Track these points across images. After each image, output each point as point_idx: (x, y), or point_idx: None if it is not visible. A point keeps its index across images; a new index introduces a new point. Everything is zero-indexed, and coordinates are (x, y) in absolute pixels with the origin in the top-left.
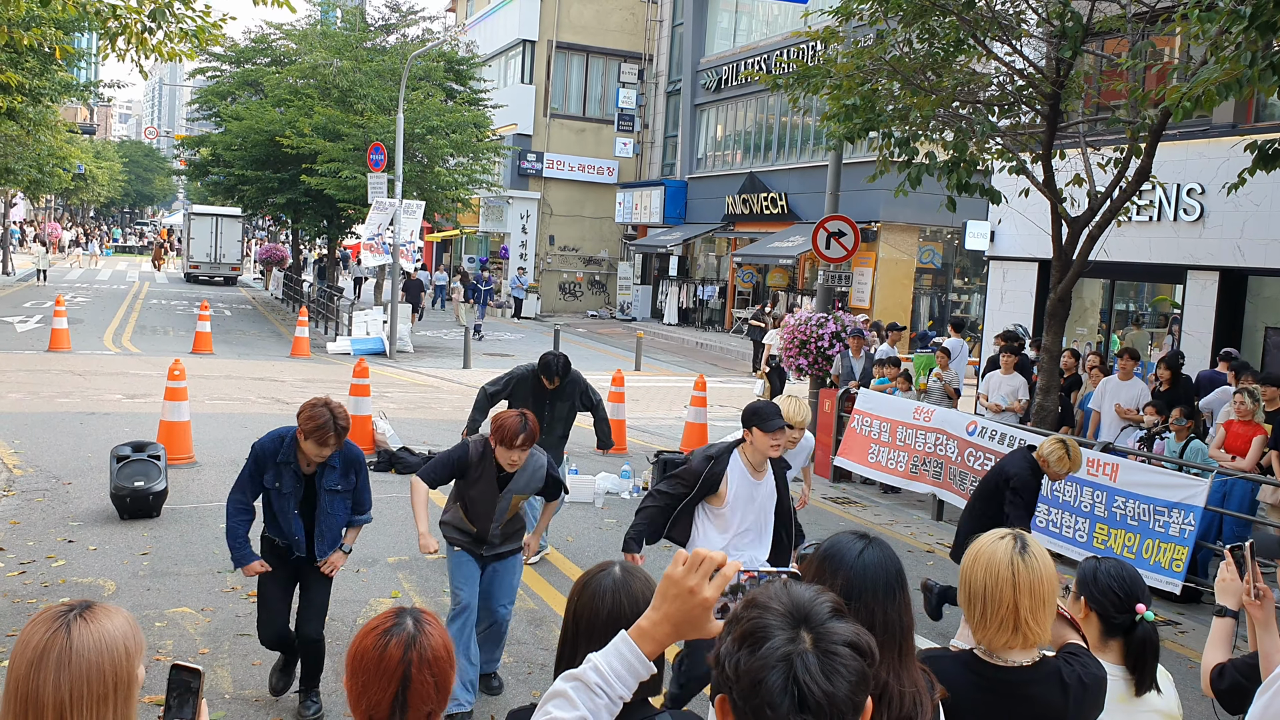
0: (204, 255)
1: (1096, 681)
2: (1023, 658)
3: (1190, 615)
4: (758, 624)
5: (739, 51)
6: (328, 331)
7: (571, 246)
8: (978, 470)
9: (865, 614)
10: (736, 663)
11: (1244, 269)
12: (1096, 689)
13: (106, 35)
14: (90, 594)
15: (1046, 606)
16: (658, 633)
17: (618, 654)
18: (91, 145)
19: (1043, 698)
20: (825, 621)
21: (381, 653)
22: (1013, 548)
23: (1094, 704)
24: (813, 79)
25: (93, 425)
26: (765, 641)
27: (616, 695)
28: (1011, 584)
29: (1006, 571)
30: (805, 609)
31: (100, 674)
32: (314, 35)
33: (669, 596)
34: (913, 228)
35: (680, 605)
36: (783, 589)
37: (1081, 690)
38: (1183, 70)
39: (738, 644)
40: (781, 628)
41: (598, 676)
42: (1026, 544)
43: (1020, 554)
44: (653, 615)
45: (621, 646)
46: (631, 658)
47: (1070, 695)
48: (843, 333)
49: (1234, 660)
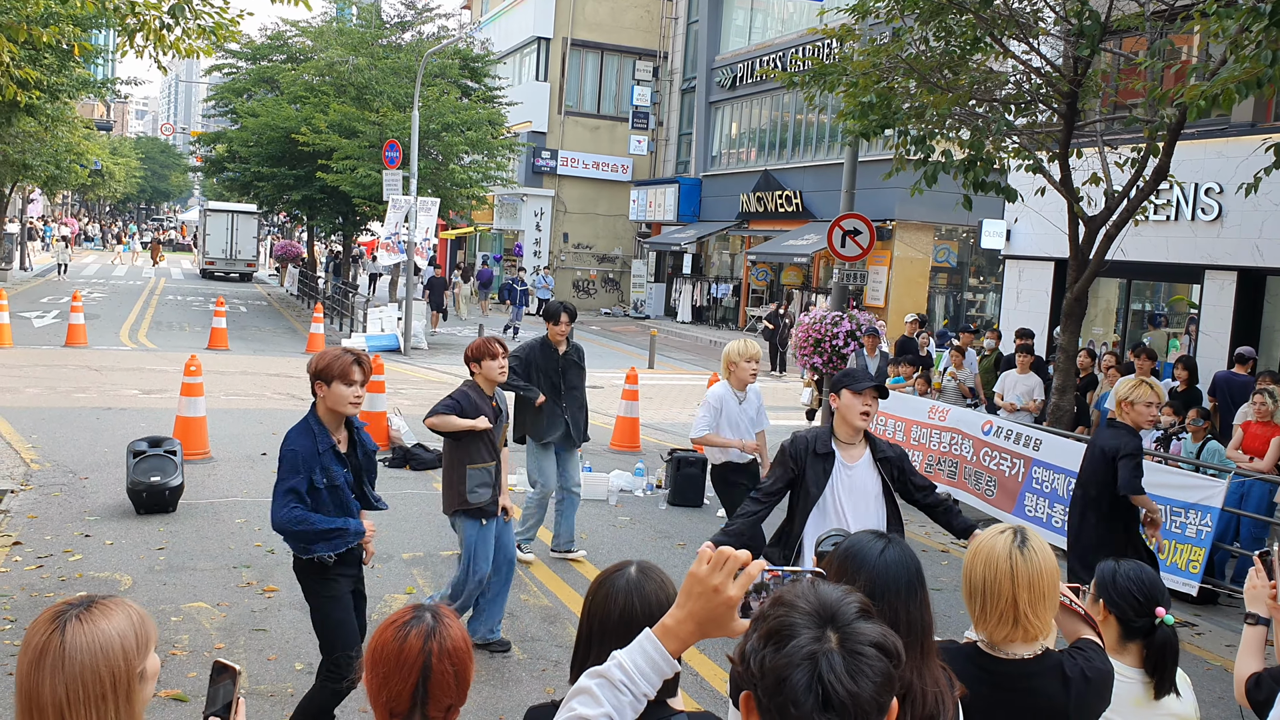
0: (220, 252)
1: (1101, 676)
2: (1024, 650)
3: (1207, 617)
4: (784, 621)
5: (754, 49)
6: (343, 328)
7: (585, 244)
8: (993, 470)
9: (889, 613)
10: (762, 660)
11: (1263, 269)
12: (1101, 683)
13: (125, 32)
14: (106, 588)
15: (1047, 600)
16: (682, 631)
17: (642, 651)
18: (108, 141)
19: (1044, 690)
20: (852, 622)
21: (402, 644)
22: (1012, 542)
23: (1098, 698)
24: (829, 77)
25: (109, 420)
26: (791, 639)
27: (641, 692)
28: (1010, 578)
29: (1005, 565)
30: (832, 609)
31: (96, 675)
32: (330, 32)
33: (694, 594)
34: (928, 226)
35: (705, 603)
36: (810, 588)
37: (1084, 684)
38: (1202, 69)
39: (764, 641)
40: (808, 626)
41: (622, 674)
42: (1026, 538)
43: (1019, 548)
44: (677, 613)
45: (646, 644)
46: (656, 655)
47: (1072, 689)
48: (858, 331)
49: (1270, 669)
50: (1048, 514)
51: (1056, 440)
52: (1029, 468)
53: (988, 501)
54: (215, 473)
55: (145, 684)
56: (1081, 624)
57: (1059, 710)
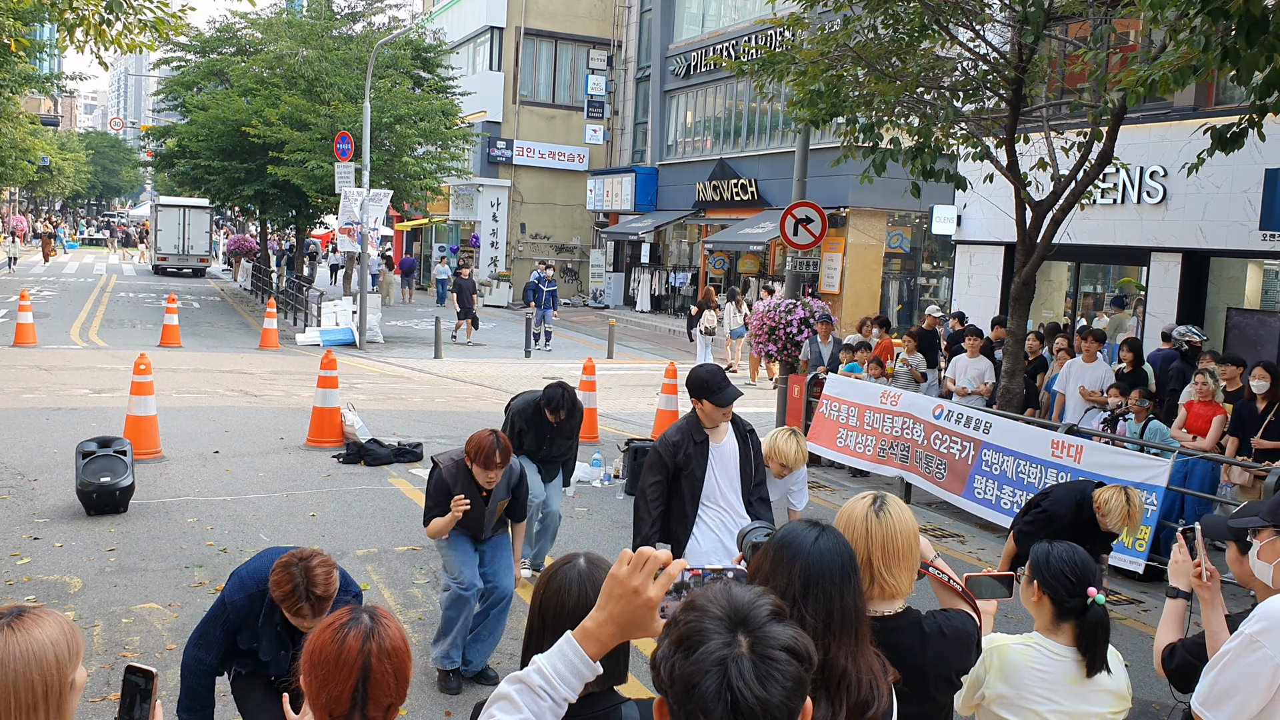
0: (171, 247)
1: (958, 634)
2: (884, 608)
3: (1153, 594)
4: (694, 627)
5: (708, 37)
6: (297, 323)
7: (543, 234)
8: (943, 454)
9: (824, 600)
10: (672, 666)
11: (1206, 250)
12: (958, 640)
13: (65, 27)
14: (56, 591)
15: (902, 560)
16: (602, 633)
17: (562, 656)
18: (56, 137)
19: (903, 644)
20: (763, 625)
21: (340, 645)
22: (870, 505)
23: (956, 654)
24: (778, 65)
25: (59, 421)
26: (700, 645)
27: (561, 697)
28: (865, 538)
29: (861, 527)
30: (744, 612)
31: (29, 684)
32: (279, 24)
33: (613, 596)
34: (881, 213)
35: (624, 605)
36: (723, 590)
37: (941, 639)
38: (1145, 55)
39: (674, 647)
40: (718, 631)
41: (541, 679)
42: (885, 504)
43: (876, 511)
44: (597, 615)
45: (566, 648)
46: (575, 659)
47: (929, 643)
48: (811, 318)
49: (1184, 640)
50: (996, 495)
51: (1006, 423)
52: (979, 450)
53: (938, 485)
54: (167, 472)
55: (74, 694)
56: (958, 599)
57: (916, 663)
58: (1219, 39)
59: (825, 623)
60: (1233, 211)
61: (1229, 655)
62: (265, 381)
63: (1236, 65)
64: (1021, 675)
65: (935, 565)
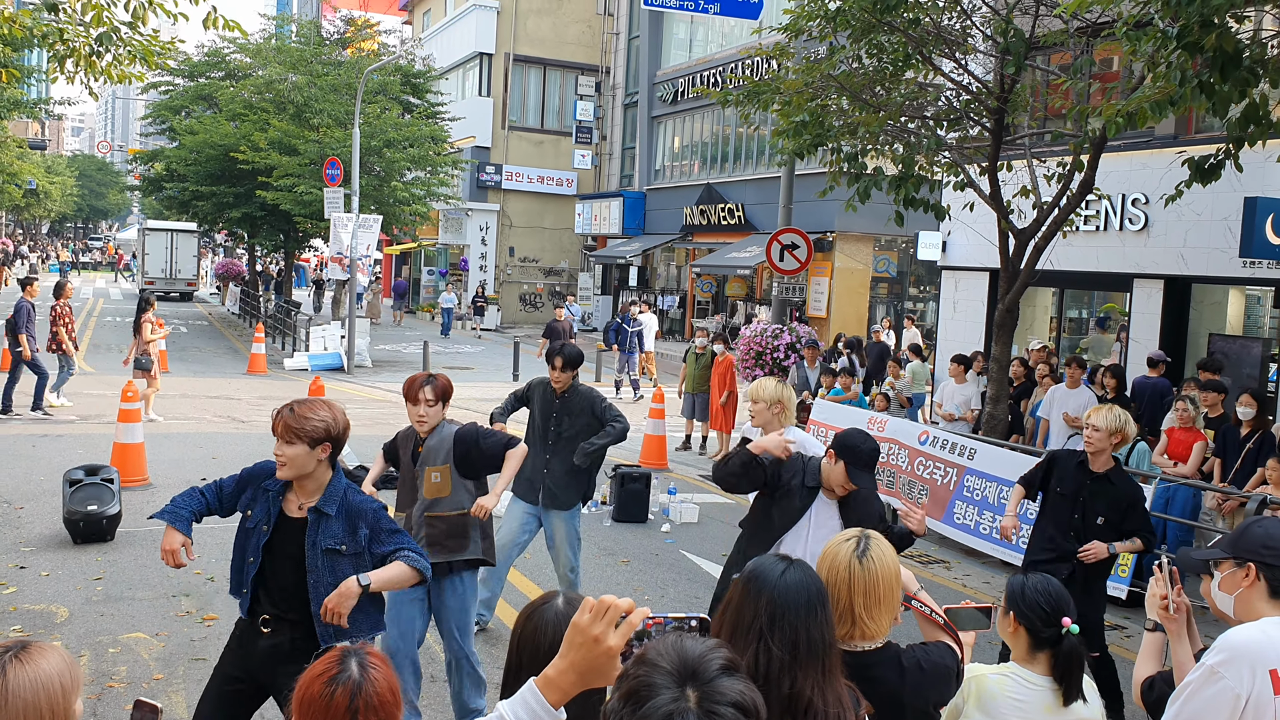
0: (159, 271)
1: (937, 668)
2: (864, 645)
3: (1136, 620)
4: (643, 681)
5: (695, 64)
6: (285, 347)
7: (531, 258)
8: (925, 479)
9: (790, 633)
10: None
11: (1187, 277)
12: (936, 673)
13: (55, 58)
14: (43, 621)
15: (883, 604)
16: (563, 681)
17: (524, 703)
18: (43, 160)
19: (882, 678)
20: (712, 680)
21: (329, 702)
22: (853, 550)
23: (934, 687)
24: (762, 95)
25: (45, 447)
26: (649, 700)
27: None
28: (848, 585)
29: (845, 573)
30: (693, 666)
31: (38, 713)
32: (269, 50)
33: (575, 644)
34: (868, 237)
35: (585, 654)
36: (675, 643)
37: (919, 673)
38: (1125, 86)
39: (622, 701)
40: (667, 685)
41: None
42: (868, 548)
43: (859, 557)
44: (559, 664)
45: (528, 695)
46: (537, 707)
47: (907, 676)
48: (798, 344)
49: (1162, 673)
50: (975, 521)
51: (990, 449)
52: (961, 476)
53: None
54: (155, 499)
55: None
56: (940, 632)
57: (894, 696)
58: (1195, 73)
59: (792, 654)
60: (1213, 239)
61: (1191, 687)
62: (253, 407)
63: (1212, 99)
64: (998, 704)
65: (918, 599)
